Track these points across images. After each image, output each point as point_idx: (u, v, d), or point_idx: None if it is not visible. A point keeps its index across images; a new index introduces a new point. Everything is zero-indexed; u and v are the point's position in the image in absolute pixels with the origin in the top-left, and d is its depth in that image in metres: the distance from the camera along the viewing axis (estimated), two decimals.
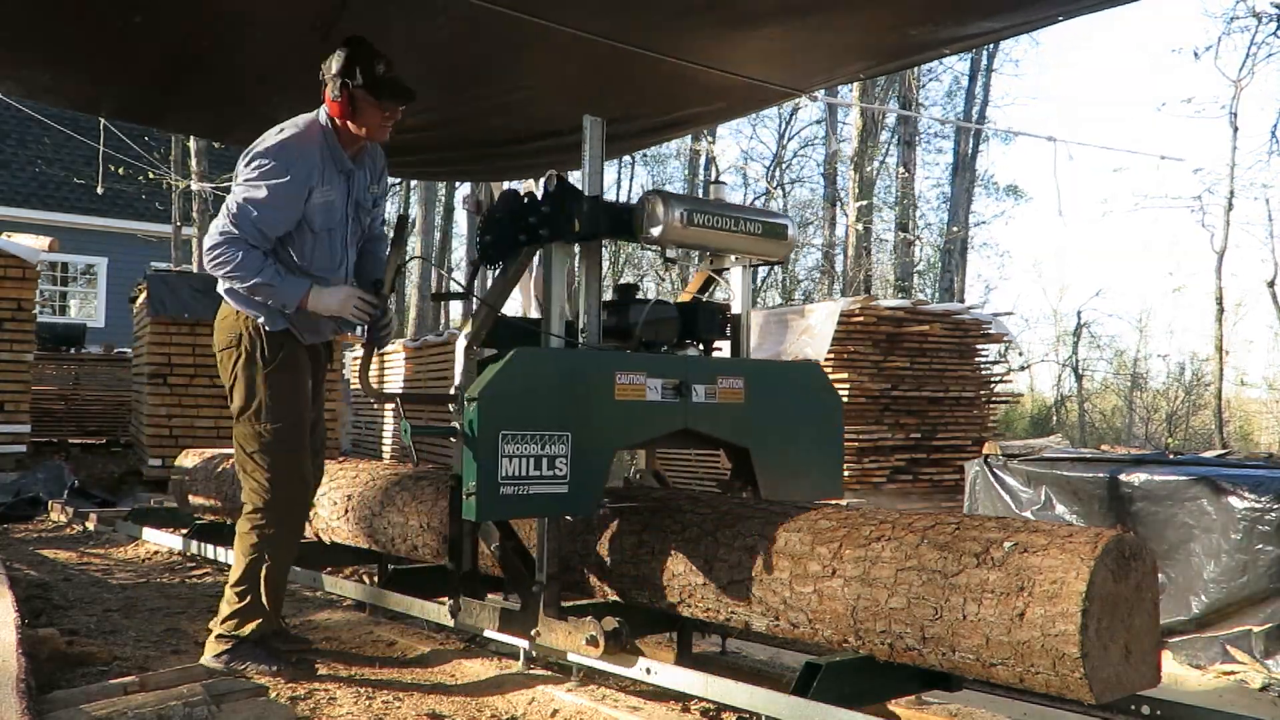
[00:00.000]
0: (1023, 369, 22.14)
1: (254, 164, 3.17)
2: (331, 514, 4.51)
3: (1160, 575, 2.63)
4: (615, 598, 3.30)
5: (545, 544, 3.05)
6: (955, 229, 22.45)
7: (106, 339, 14.70)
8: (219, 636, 3.29)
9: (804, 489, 3.34)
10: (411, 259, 20.29)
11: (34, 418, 8.92)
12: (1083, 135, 44.15)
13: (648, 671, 2.96)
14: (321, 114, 3.26)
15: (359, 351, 11.73)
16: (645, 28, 3.59)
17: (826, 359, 7.79)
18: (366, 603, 4.28)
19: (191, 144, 13.97)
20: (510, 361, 2.81)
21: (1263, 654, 4.24)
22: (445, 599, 3.45)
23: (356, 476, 4.50)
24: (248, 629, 3.26)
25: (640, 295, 3.51)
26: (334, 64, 3.15)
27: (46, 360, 11.63)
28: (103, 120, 12.42)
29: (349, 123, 3.21)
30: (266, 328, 3.27)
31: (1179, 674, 4.33)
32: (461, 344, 3.35)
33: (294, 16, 3.52)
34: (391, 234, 3.43)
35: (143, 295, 8.90)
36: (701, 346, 3.48)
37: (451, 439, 2.96)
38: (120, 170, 14.13)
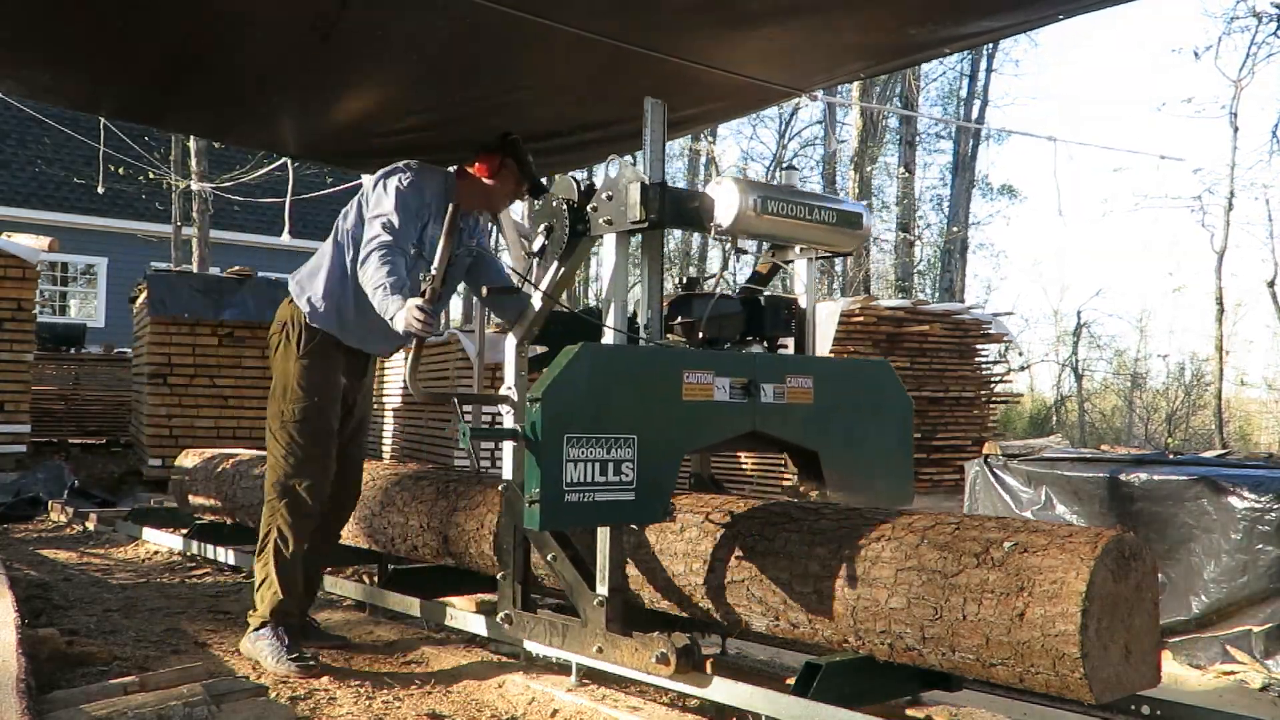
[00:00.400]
0: (1023, 369, 22.12)
1: (389, 183, 3.41)
2: None
3: (1160, 575, 2.63)
4: None
5: (609, 554, 2.88)
6: (955, 229, 22.45)
7: (106, 339, 14.70)
8: (251, 614, 3.51)
9: (874, 494, 3.16)
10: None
11: (34, 418, 8.91)
12: (1083, 135, 44.18)
13: (648, 671, 2.96)
14: (451, 170, 3.69)
15: None
16: (645, 27, 3.58)
17: None
18: (366, 603, 4.28)
19: (191, 144, 13.96)
20: (577, 358, 2.61)
21: (1263, 654, 4.24)
22: (497, 609, 3.30)
23: None
24: (265, 607, 3.44)
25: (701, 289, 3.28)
26: (498, 141, 3.58)
27: (46, 360, 11.62)
28: (103, 120, 12.42)
29: (487, 179, 3.56)
30: (308, 319, 3.46)
31: (1179, 674, 4.33)
32: (511, 341, 3.20)
33: (294, 17, 3.51)
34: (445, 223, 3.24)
35: (143, 295, 8.90)
36: (765, 344, 3.28)
37: (507, 443, 2.84)
38: (120, 170, 14.13)
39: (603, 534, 2.90)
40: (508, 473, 3.22)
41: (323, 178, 14.45)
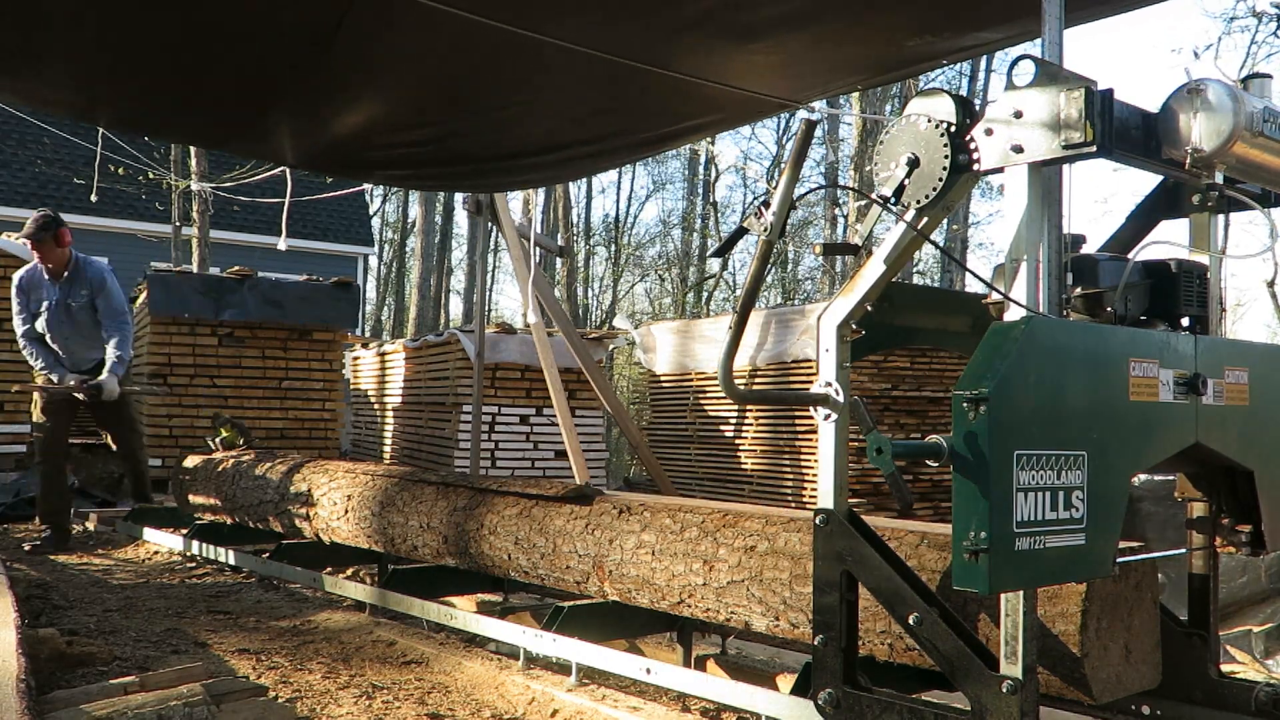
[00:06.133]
0: None
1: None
2: (331, 514, 4.51)
3: (1160, 575, 2.63)
4: (615, 598, 3.31)
5: (1024, 616, 2.06)
6: (955, 228, 22.47)
7: None
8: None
9: None
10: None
11: None
12: None
13: (648, 671, 2.96)
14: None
15: (359, 351, 11.71)
16: (643, 43, 3.58)
17: None
18: (367, 603, 4.28)
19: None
20: (1028, 337, 1.94)
21: (1263, 654, 4.24)
22: (814, 686, 2.40)
23: (356, 477, 4.51)
24: (44, 523, 5.94)
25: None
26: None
27: None
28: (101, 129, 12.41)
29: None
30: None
31: None
32: (832, 318, 2.35)
33: (292, 30, 3.51)
34: None
35: (143, 295, 8.90)
36: (1168, 325, 2.49)
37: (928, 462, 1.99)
38: (120, 170, 14.13)
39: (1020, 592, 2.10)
40: (825, 499, 2.37)
41: (322, 179, 14.47)
